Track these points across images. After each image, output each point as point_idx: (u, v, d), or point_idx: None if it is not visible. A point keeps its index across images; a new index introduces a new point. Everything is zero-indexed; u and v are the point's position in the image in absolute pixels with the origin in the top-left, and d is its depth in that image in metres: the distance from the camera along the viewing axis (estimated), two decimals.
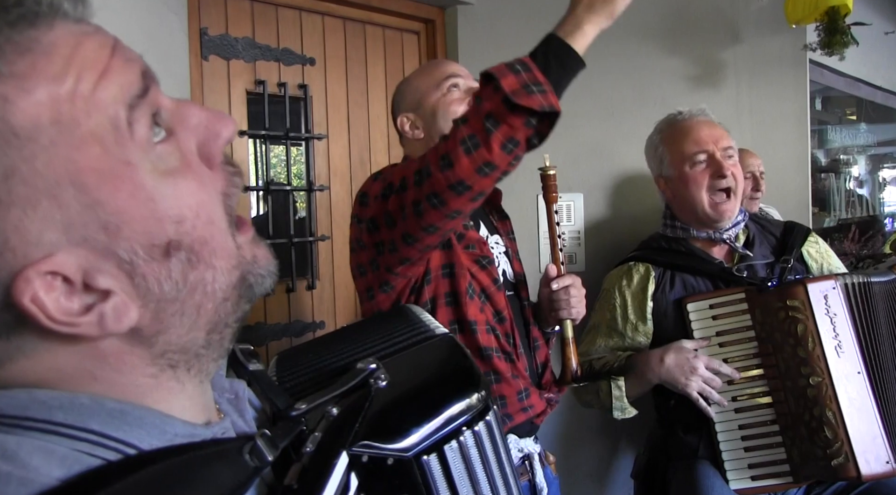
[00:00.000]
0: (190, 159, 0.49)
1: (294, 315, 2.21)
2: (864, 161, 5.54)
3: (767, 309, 1.67)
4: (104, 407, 0.46)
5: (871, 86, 4.10)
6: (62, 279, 0.44)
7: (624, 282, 1.81)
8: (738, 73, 2.56)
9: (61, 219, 0.43)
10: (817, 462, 1.60)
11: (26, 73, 0.42)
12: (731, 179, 1.74)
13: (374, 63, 2.41)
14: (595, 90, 2.54)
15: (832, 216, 4.72)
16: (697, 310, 1.72)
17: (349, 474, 0.54)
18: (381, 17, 2.41)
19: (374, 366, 0.62)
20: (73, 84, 0.43)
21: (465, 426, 0.61)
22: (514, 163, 1.13)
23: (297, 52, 2.20)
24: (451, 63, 1.56)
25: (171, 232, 0.47)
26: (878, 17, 3.58)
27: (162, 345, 0.49)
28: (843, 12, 2.38)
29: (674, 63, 2.55)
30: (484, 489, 0.62)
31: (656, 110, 2.59)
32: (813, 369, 1.60)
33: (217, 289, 0.51)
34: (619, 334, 1.80)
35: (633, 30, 2.54)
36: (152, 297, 0.47)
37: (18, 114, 0.41)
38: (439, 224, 1.18)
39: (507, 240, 1.58)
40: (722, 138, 1.78)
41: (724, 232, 1.79)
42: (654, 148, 1.90)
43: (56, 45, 0.44)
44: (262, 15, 2.14)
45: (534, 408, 1.44)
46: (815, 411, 1.60)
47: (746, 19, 2.54)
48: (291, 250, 2.20)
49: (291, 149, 2.24)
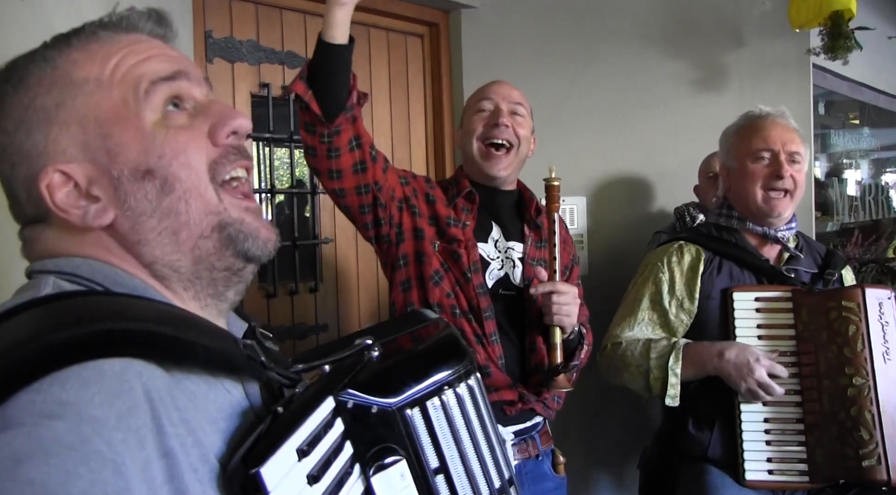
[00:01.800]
0: (194, 127, 0.67)
1: (297, 317, 2.22)
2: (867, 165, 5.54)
3: (816, 309, 1.70)
4: (133, 281, 0.63)
5: (874, 90, 4.10)
6: (73, 183, 0.62)
7: (674, 259, 1.83)
8: (741, 77, 2.56)
9: (82, 140, 0.63)
10: (846, 461, 1.61)
11: (91, 51, 0.66)
12: (790, 182, 1.77)
13: (378, 66, 2.41)
14: (598, 94, 2.54)
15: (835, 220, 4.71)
16: (742, 301, 1.75)
17: (335, 417, 0.58)
18: (385, 21, 2.42)
19: (369, 342, 0.68)
20: (116, 62, 0.65)
21: (447, 386, 0.67)
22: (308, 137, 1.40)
23: (301, 55, 2.20)
24: (496, 84, 1.71)
25: (152, 162, 0.64)
26: (881, 21, 3.58)
27: (148, 255, 0.64)
28: (846, 17, 2.39)
29: (677, 67, 2.55)
30: (466, 447, 0.67)
31: (659, 114, 2.59)
32: (857, 370, 1.63)
33: (191, 221, 0.65)
34: (661, 309, 1.80)
35: (635, 33, 2.55)
36: (129, 209, 0.63)
37: (77, 71, 0.65)
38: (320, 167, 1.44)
39: (533, 247, 1.67)
40: (791, 142, 1.81)
41: (779, 231, 1.81)
42: (726, 137, 1.93)
43: (123, 40, 0.67)
44: (267, 18, 2.15)
45: (499, 393, 1.52)
46: (853, 411, 1.61)
47: (750, 23, 2.55)
48: (295, 253, 2.21)
49: (295, 152, 2.24)
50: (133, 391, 0.50)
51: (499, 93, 1.68)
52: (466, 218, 1.61)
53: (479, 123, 1.65)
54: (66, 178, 0.62)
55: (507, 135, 1.63)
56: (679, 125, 2.58)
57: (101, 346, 0.50)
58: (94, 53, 0.65)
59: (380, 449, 0.60)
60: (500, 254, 1.64)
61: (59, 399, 0.47)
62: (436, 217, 1.58)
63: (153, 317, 0.56)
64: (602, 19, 2.55)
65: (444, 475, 0.64)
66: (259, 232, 0.68)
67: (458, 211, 1.60)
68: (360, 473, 0.60)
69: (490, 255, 1.62)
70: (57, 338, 0.49)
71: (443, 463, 0.64)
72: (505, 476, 0.72)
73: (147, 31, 0.69)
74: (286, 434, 0.54)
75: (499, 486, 0.70)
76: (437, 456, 0.64)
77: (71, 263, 0.63)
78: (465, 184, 1.64)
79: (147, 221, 0.64)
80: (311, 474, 0.54)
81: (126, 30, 0.68)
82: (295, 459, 0.54)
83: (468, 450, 0.67)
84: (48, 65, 0.64)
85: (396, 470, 0.61)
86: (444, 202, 1.61)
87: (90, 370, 0.49)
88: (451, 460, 0.65)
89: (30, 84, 0.64)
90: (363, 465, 0.60)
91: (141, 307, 0.59)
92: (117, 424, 0.47)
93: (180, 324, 0.57)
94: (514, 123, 1.64)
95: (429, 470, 0.63)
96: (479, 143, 1.64)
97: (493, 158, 1.63)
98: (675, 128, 2.58)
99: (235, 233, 0.67)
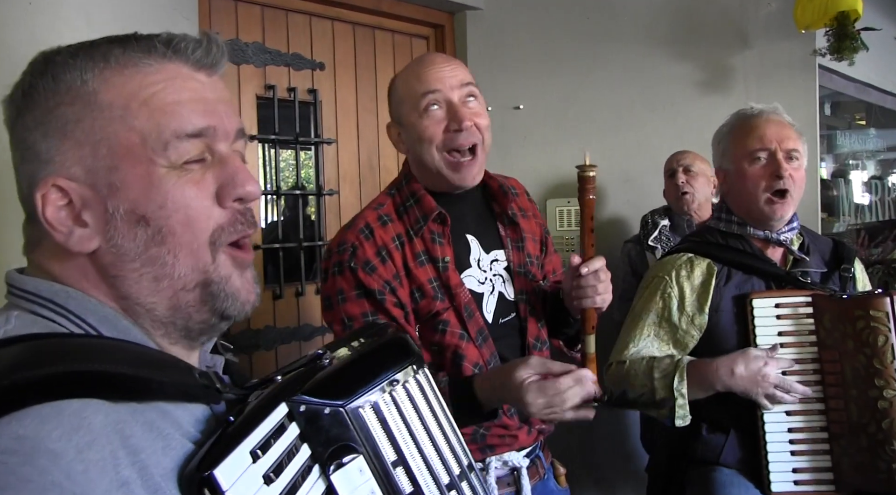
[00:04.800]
0: (203, 182, 0.65)
1: (303, 319, 2.22)
2: (874, 166, 5.51)
3: (841, 316, 1.64)
4: (104, 310, 0.63)
5: (880, 91, 4.08)
6: (68, 200, 0.62)
7: (683, 274, 1.77)
8: (746, 78, 2.56)
9: (89, 164, 0.62)
10: (876, 474, 1.58)
11: (126, 76, 0.64)
12: (789, 181, 1.72)
13: (384, 68, 2.42)
14: (602, 95, 2.54)
15: (841, 221, 4.69)
16: (762, 308, 1.70)
17: (289, 421, 0.61)
18: (391, 23, 2.42)
19: (321, 351, 0.70)
20: (149, 96, 0.63)
21: (397, 382, 0.70)
22: None
23: (306, 57, 2.21)
24: (433, 66, 1.37)
25: (150, 210, 0.63)
26: (888, 21, 3.57)
27: (123, 290, 0.64)
28: (852, 17, 2.37)
29: (682, 68, 2.55)
30: (421, 439, 0.70)
31: (665, 115, 2.59)
32: (888, 382, 1.58)
33: (175, 274, 0.64)
34: (671, 325, 1.76)
35: (641, 35, 2.54)
36: (115, 246, 0.63)
37: (106, 93, 0.63)
38: None
39: (514, 249, 1.48)
40: (788, 139, 1.75)
41: (781, 233, 1.77)
42: (719, 139, 1.88)
43: (161, 71, 0.65)
44: (273, 20, 2.16)
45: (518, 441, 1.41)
46: (884, 423, 1.57)
47: (755, 24, 2.54)
48: (301, 254, 2.21)
49: (301, 154, 2.25)
50: (91, 426, 0.51)
51: (443, 80, 1.34)
52: (442, 251, 1.36)
53: (434, 128, 1.33)
54: (62, 195, 0.62)
55: (473, 138, 1.34)
56: (685, 126, 2.57)
57: (61, 387, 0.52)
58: (128, 79, 0.64)
59: (337, 447, 0.63)
60: (486, 273, 1.44)
61: (16, 434, 0.48)
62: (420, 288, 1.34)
63: (112, 357, 0.57)
64: (607, 20, 2.54)
65: (403, 466, 0.67)
66: (239, 293, 0.68)
67: (429, 243, 1.35)
68: (320, 472, 0.62)
69: (479, 280, 1.41)
70: (16, 379, 0.50)
71: (400, 456, 0.67)
72: (463, 462, 0.76)
73: (193, 60, 0.67)
74: (239, 438, 0.57)
75: (458, 473, 0.74)
76: (394, 449, 0.67)
77: (50, 289, 0.63)
78: (430, 202, 1.36)
79: (130, 263, 0.63)
80: (267, 474, 0.57)
81: (170, 57, 0.66)
82: (249, 461, 0.57)
83: (423, 441, 0.71)
84: (80, 76, 0.63)
85: (355, 466, 0.63)
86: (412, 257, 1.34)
87: (49, 408, 0.50)
88: (407, 452, 0.68)
89: (59, 89, 0.63)
90: (322, 465, 0.62)
91: (102, 348, 0.59)
92: (77, 456, 0.49)
93: (139, 363, 0.59)
94: (472, 115, 1.33)
95: (387, 463, 0.66)
96: (441, 154, 1.34)
97: (463, 167, 1.34)
98: (680, 129, 2.57)
99: (218, 291, 0.66)
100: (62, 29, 1.41)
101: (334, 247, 1.35)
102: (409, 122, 1.36)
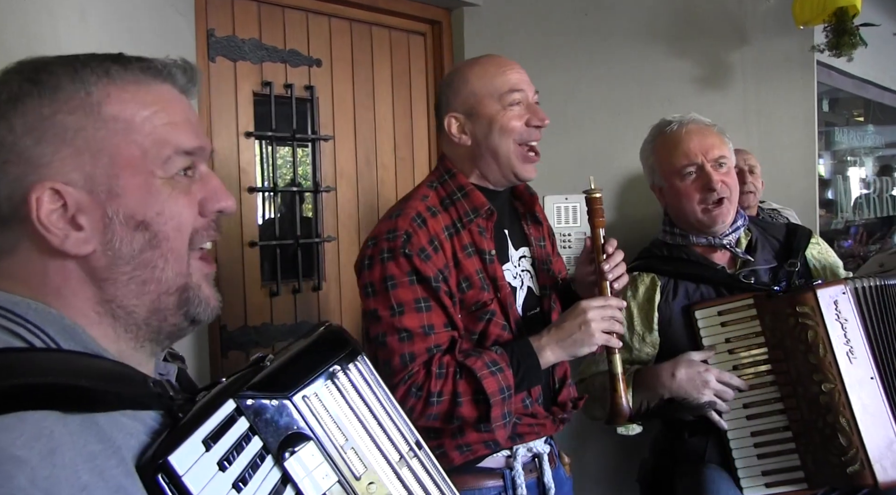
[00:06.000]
0: (191, 194, 0.72)
1: (300, 316, 2.21)
2: (872, 163, 5.51)
3: (777, 315, 1.64)
4: (63, 321, 0.65)
5: (879, 87, 4.08)
6: (63, 203, 0.65)
7: (629, 293, 1.78)
8: (745, 74, 2.55)
9: (88, 171, 0.66)
10: (832, 469, 1.58)
11: (128, 92, 0.69)
12: (724, 189, 1.71)
13: (381, 64, 2.41)
14: (601, 91, 2.53)
15: (839, 218, 4.69)
16: (706, 318, 1.70)
17: (238, 415, 0.65)
18: (388, 19, 2.41)
19: (261, 354, 0.75)
20: (150, 113, 0.69)
21: (338, 370, 0.75)
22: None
23: (303, 54, 2.20)
24: (514, 68, 1.48)
25: (149, 216, 0.68)
26: (886, 17, 3.56)
27: (110, 293, 0.68)
28: (851, 13, 2.37)
29: (680, 64, 2.54)
30: (367, 421, 0.76)
31: (662, 112, 2.57)
32: (825, 376, 1.58)
33: (163, 278, 0.70)
34: (625, 346, 1.78)
35: (639, 31, 2.54)
36: (111, 249, 0.67)
37: (108, 106, 0.67)
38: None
39: (537, 247, 1.57)
40: (713, 148, 1.73)
41: (724, 237, 1.76)
42: (646, 157, 1.87)
43: (158, 92, 0.71)
44: (269, 16, 2.15)
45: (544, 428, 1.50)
46: (829, 418, 1.57)
47: (754, 20, 2.53)
48: (298, 251, 2.21)
49: (298, 151, 2.24)
50: (53, 435, 0.54)
51: (527, 82, 1.47)
52: (488, 244, 1.42)
53: (516, 121, 1.43)
54: (56, 198, 0.65)
55: (539, 138, 1.47)
56: None
57: (21, 399, 0.54)
58: (131, 95, 0.69)
59: (287, 437, 0.67)
60: (517, 268, 1.52)
61: None
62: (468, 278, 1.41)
63: (70, 370, 0.60)
64: (605, 17, 2.54)
65: (353, 448, 0.72)
66: (210, 300, 0.75)
67: (476, 235, 1.42)
68: (274, 461, 0.66)
69: (512, 275, 1.49)
70: None
71: (349, 439, 0.72)
72: (410, 440, 0.81)
73: (180, 85, 0.74)
74: (190, 430, 0.61)
75: (407, 449, 0.80)
76: (341, 433, 0.72)
77: (9, 299, 0.64)
78: (480, 197, 1.43)
79: (123, 266, 0.68)
80: (221, 462, 0.61)
81: (163, 79, 0.72)
82: (202, 449, 0.60)
83: (370, 424, 0.76)
84: (83, 88, 0.66)
85: (307, 451, 0.68)
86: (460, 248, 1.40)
87: (11, 418, 0.53)
88: (356, 434, 0.73)
89: (58, 98, 0.65)
90: (275, 454, 0.66)
91: (60, 360, 0.62)
92: (41, 462, 0.51)
93: (95, 375, 0.62)
94: (543, 118, 1.47)
95: (337, 446, 0.71)
96: (516, 146, 1.43)
97: (530, 162, 1.45)
98: None
99: (193, 296, 0.73)
100: (56, 23, 1.40)
101: (383, 234, 1.37)
102: (488, 113, 1.43)
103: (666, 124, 1.81)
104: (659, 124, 1.84)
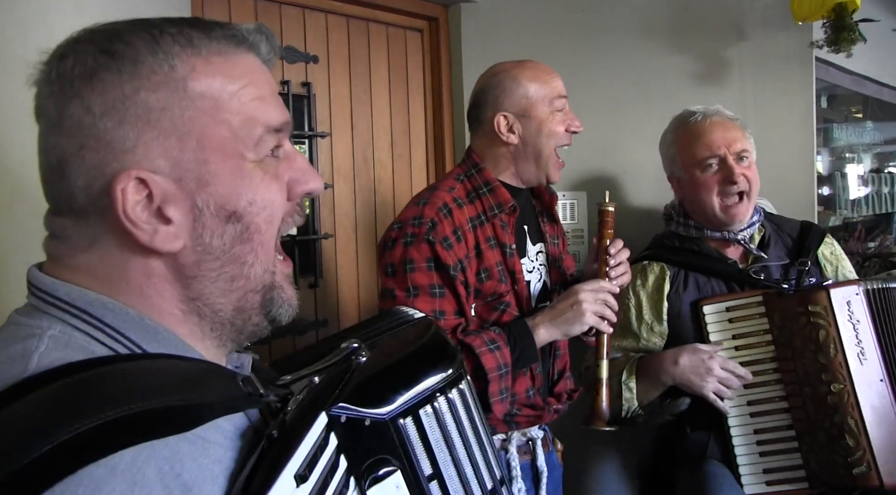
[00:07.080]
0: (280, 178, 0.65)
1: (297, 313, 2.21)
2: (870, 159, 5.51)
3: (787, 313, 1.64)
4: (144, 322, 0.59)
5: (878, 83, 4.07)
6: (148, 193, 0.57)
7: (638, 282, 1.78)
8: (743, 70, 2.54)
9: (175, 157, 0.58)
10: (837, 470, 1.58)
11: (214, 65, 0.61)
12: (744, 183, 1.71)
13: (378, 61, 2.40)
14: (599, 87, 2.52)
15: (838, 214, 4.69)
16: (714, 313, 1.70)
17: (328, 433, 0.57)
18: (385, 15, 2.40)
19: (356, 345, 0.68)
20: (239, 88, 0.61)
21: (439, 393, 0.66)
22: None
23: (300, 50, 2.19)
24: (558, 76, 1.60)
25: (241, 206, 0.61)
26: (886, 13, 3.55)
27: (196, 291, 0.61)
28: (850, 9, 2.36)
29: (678, 60, 2.53)
30: (460, 453, 0.67)
31: (661, 108, 2.57)
32: (834, 376, 1.57)
33: (252, 274, 0.63)
34: (633, 335, 1.77)
35: (637, 27, 2.53)
36: (201, 244, 0.60)
37: (194, 82, 0.59)
38: None
39: (552, 244, 1.65)
40: (735, 141, 1.73)
41: (739, 232, 1.76)
42: (666, 147, 1.86)
43: (243, 63, 0.63)
44: (266, 12, 2.14)
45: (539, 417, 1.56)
46: (836, 418, 1.57)
47: (752, 16, 2.53)
48: (295, 248, 2.20)
49: (295, 147, 2.23)
50: (146, 478, 0.48)
51: (562, 87, 1.59)
52: (509, 238, 1.50)
53: (560, 127, 1.54)
54: (141, 187, 0.57)
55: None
56: None
57: (109, 441, 0.47)
58: (217, 68, 0.61)
59: (374, 460, 0.60)
60: (533, 263, 1.59)
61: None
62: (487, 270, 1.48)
63: (158, 388, 0.53)
64: (603, 12, 2.53)
65: (438, 481, 0.64)
66: (292, 300, 0.69)
67: (498, 229, 1.50)
68: (356, 487, 0.58)
69: (528, 269, 1.57)
70: (64, 440, 0.46)
71: (436, 470, 0.64)
72: (497, 476, 0.73)
73: (263, 54, 0.66)
74: (283, 461, 0.53)
75: (491, 487, 0.71)
76: (431, 462, 0.64)
77: (84, 298, 0.57)
78: (504, 194, 1.51)
79: (212, 262, 0.61)
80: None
81: (247, 48, 0.65)
82: (293, 486, 0.53)
83: (461, 455, 0.67)
84: (166, 61, 0.58)
85: (392, 481, 0.60)
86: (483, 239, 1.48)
87: (101, 467, 0.46)
88: (444, 465, 0.65)
89: (140, 72, 0.58)
90: (358, 478, 0.59)
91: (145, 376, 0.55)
92: None
93: (185, 385, 0.55)
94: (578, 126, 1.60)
95: (423, 477, 0.63)
96: (553, 150, 1.54)
97: (560, 168, 1.56)
98: None
99: (277, 297, 0.67)
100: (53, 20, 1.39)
101: (408, 220, 1.44)
102: (539, 116, 1.52)
103: (690, 115, 1.81)
104: (682, 115, 1.84)
